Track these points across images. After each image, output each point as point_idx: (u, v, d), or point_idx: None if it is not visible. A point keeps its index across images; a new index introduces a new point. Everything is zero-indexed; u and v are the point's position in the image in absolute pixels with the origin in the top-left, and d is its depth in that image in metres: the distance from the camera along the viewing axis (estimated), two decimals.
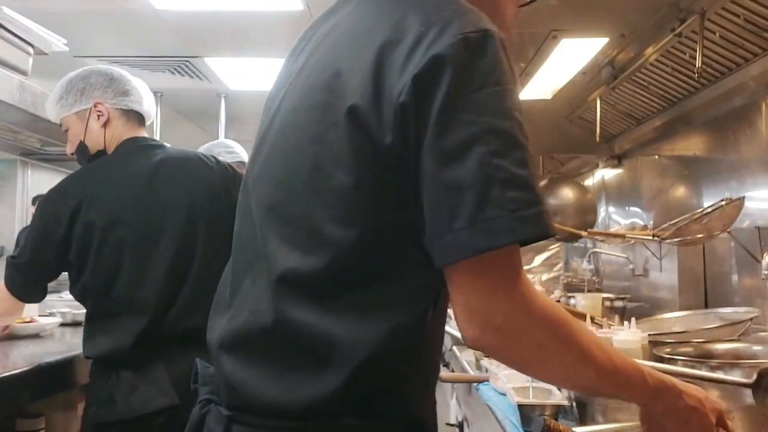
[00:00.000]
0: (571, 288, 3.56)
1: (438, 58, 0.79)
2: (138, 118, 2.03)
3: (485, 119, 0.79)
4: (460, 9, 0.84)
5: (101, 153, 1.98)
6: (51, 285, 3.88)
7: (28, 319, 2.37)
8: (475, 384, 2.08)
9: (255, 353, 0.91)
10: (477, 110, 0.78)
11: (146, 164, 1.91)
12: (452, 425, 2.99)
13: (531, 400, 1.55)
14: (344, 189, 0.83)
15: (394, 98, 0.79)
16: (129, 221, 1.83)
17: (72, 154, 2.06)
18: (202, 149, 2.90)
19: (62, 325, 2.68)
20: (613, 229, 3.81)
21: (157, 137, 5.06)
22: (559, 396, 1.56)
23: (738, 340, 1.76)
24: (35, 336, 2.41)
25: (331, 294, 0.86)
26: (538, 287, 3.11)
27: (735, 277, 2.60)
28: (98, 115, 1.96)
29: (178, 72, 4.83)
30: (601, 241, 3.68)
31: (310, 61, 0.94)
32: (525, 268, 4.15)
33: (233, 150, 3.16)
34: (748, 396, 1.33)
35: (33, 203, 6.59)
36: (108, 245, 1.82)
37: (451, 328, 2.77)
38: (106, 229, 1.82)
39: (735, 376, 1.34)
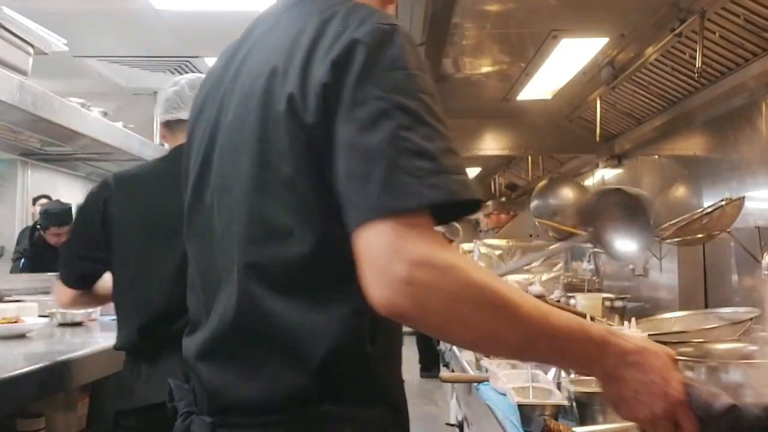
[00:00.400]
0: (571, 288, 3.56)
1: (353, 42, 0.87)
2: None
3: (394, 97, 0.84)
4: (374, 10, 0.95)
5: None
6: (50, 285, 3.89)
7: (13, 320, 2.37)
8: (475, 384, 2.08)
9: (229, 356, 0.95)
10: (387, 88, 0.84)
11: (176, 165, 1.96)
12: (452, 425, 2.99)
13: (531, 400, 1.55)
14: (289, 179, 0.90)
15: (317, 82, 0.87)
16: (148, 216, 1.90)
17: None
18: None
19: (62, 325, 2.69)
20: None
21: (156, 137, 5.06)
22: (559, 396, 1.56)
23: (738, 340, 1.76)
24: (31, 336, 2.41)
25: (290, 283, 0.91)
26: (537, 287, 3.11)
27: (735, 277, 2.60)
28: None
29: (178, 72, 4.83)
30: None
31: (246, 66, 1.01)
32: (525, 267, 4.15)
33: None
34: (748, 396, 1.33)
35: (33, 203, 6.59)
36: (126, 237, 1.90)
37: None
38: (122, 222, 1.90)
39: (735, 376, 1.34)
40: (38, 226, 5.03)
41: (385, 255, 0.79)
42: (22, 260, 4.98)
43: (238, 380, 0.94)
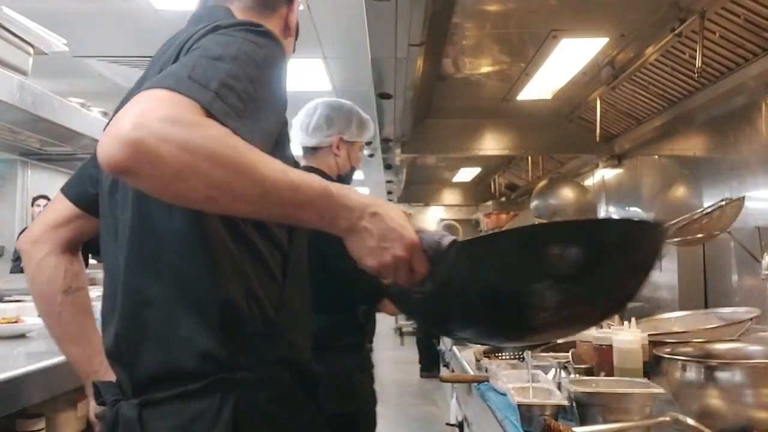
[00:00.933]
0: None
1: (212, 26, 1.01)
2: None
3: (210, 47, 0.94)
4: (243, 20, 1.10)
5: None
6: None
7: (13, 320, 2.36)
8: (475, 384, 2.08)
9: (138, 339, 1.04)
10: (208, 42, 0.96)
11: None
12: (452, 425, 2.99)
13: (531, 400, 1.55)
14: None
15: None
16: None
17: None
18: None
19: None
20: None
21: None
22: (559, 396, 1.56)
23: (738, 340, 1.76)
24: (31, 336, 2.41)
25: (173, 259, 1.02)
26: None
27: (735, 277, 2.60)
28: None
29: None
30: None
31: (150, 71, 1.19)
32: None
33: None
34: (748, 396, 1.33)
35: (32, 204, 6.58)
36: None
37: None
38: None
39: (735, 376, 1.34)
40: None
41: (128, 110, 0.79)
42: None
43: (150, 357, 1.02)
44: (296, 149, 2.01)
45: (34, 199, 6.50)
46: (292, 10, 1.27)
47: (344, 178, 2.23)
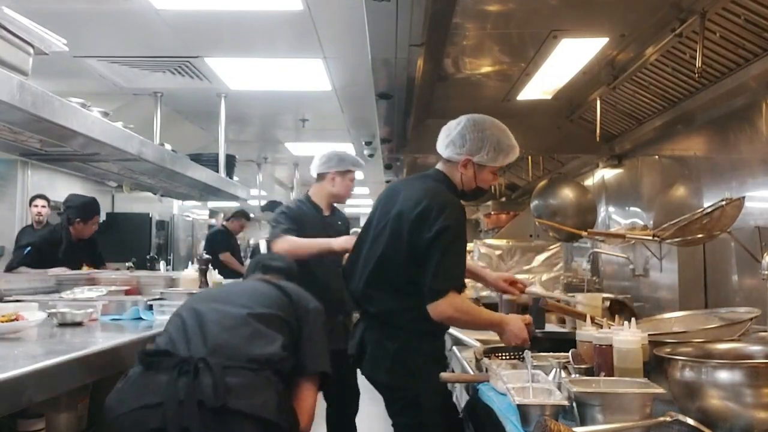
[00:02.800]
0: (571, 288, 3.56)
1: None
2: None
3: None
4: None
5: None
6: (51, 285, 3.89)
7: (12, 317, 2.36)
8: (475, 384, 2.08)
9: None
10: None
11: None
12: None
13: (531, 400, 1.55)
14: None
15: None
16: None
17: None
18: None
19: (62, 325, 2.68)
20: (613, 229, 3.81)
21: (157, 137, 5.06)
22: (559, 396, 1.56)
23: (738, 340, 1.76)
24: (31, 336, 2.41)
25: None
26: (537, 287, 3.11)
27: (735, 277, 2.60)
28: None
29: (178, 72, 4.83)
30: (601, 241, 3.67)
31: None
32: (524, 267, 4.16)
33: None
34: (748, 396, 1.33)
35: (30, 203, 6.54)
36: None
37: (453, 329, 2.77)
38: None
39: (735, 376, 1.34)
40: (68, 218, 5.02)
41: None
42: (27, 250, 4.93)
43: (241, 345, 2.02)
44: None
45: (32, 199, 6.49)
46: None
47: (466, 194, 2.33)
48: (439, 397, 2.29)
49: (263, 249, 11.66)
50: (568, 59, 2.97)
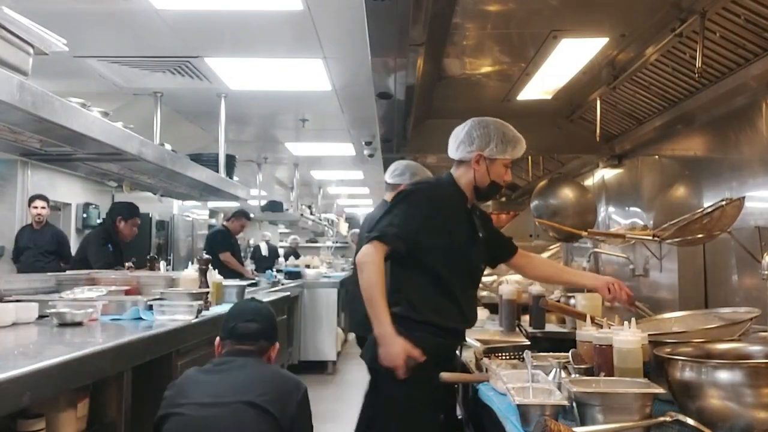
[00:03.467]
0: (571, 288, 3.56)
1: None
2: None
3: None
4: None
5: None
6: (50, 285, 3.88)
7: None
8: (475, 384, 2.08)
9: None
10: None
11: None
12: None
13: (531, 400, 1.55)
14: None
15: None
16: None
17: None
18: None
19: (62, 325, 2.68)
20: (613, 229, 3.81)
21: (157, 137, 5.05)
22: (559, 396, 1.56)
23: (738, 340, 1.76)
24: (31, 336, 2.41)
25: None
26: (537, 287, 3.11)
27: (735, 277, 2.60)
28: None
29: (178, 72, 4.83)
30: (601, 241, 3.67)
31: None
32: None
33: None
34: (748, 396, 1.33)
35: (29, 204, 6.53)
36: None
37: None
38: None
39: (735, 376, 1.34)
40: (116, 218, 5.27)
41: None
42: (108, 245, 5.14)
43: None
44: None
45: (31, 199, 6.49)
46: None
47: (481, 192, 2.44)
48: (403, 387, 2.23)
49: (264, 251, 11.72)
50: (568, 59, 2.97)
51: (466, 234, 2.41)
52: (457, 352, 2.50)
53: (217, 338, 2.37)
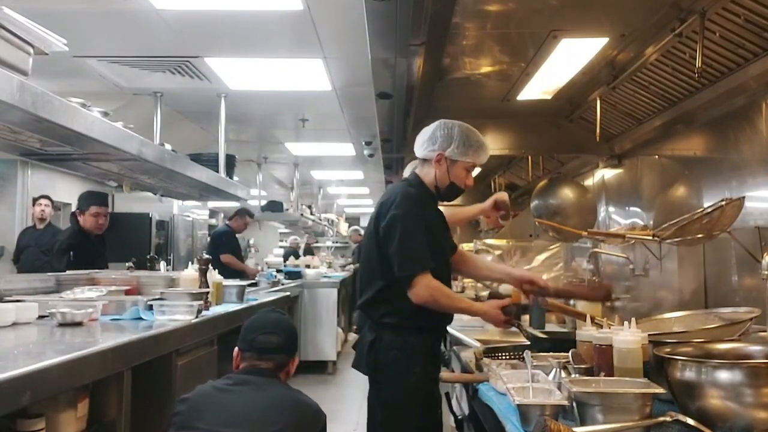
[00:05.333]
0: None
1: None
2: None
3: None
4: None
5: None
6: (51, 285, 3.88)
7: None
8: (475, 384, 2.08)
9: None
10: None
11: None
12: (452, 425, 2.98)
13: (531, 400, 1.55)
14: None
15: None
16: None
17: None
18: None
19: (62, 325, 2.68)
20: (613, 229, 3.81)
21: (157, 137, 5.05)
22: (559, 396, 1.56)
23: (738, 340, 1.76)
24: (31, 336, 2.41)
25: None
26: None
27: (735, 277, 2.60)
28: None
29: (178, 72, 4.83)
30: (601, 241, 3.67)
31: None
32: (524, 267, 4.21)
33: None
34: (748, 396, 1.33)
35: (33, 203, 6.54)
36: None
37: (452, 329, 2.77)
38: None
39: (735, 376, 1.34)
40: (75, 211, 4.98)
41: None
42: (71, 252, 4.85)
43: None
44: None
45: (35, 200, 6.49)
46: None
47: (442, 192, 2.53)
48: (406, 392, 2.32)
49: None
50: (568, 59, 2.97)
51: (442, 230, 2.58)
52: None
53: (236, 349, 2.29)
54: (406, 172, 3.74)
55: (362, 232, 11.15)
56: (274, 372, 2.22)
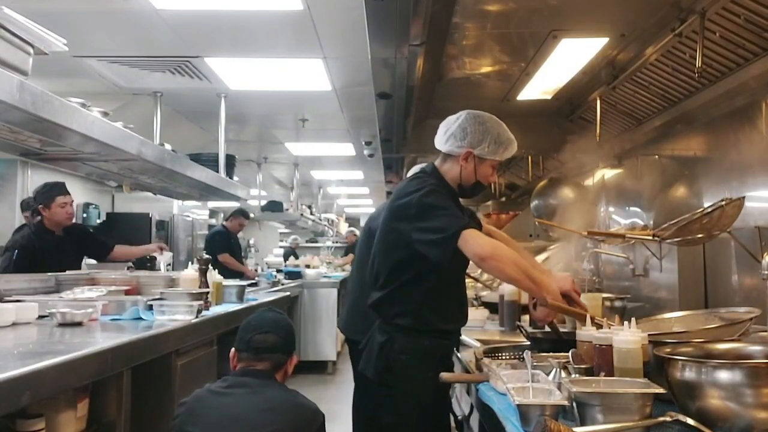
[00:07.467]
0: None
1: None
2: None
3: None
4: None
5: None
6: (51, 285, 3.88)
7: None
8: (475, 384, 2.07)
9: None
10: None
11: None
12: (452, 425, 2.98)
13: (531, 400, 1.54)
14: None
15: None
16: None
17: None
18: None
19: (62, 325, 2.68)
20: (613, 229, 3.81)
21: (157, 137, 5.05)
22: (559, 396, 1.55)
23: (738, 340, 1.76)
24: (32, 336, 2.41)
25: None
26: None
27: (735, 277, 2.60)
28: None
29: (178, 72, 4.83)
30: (601, 241, 3.67)
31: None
32: None
33: None
34: (748, 396, 1.33)
35: (22, 208, 6.36)
36: None
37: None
38: None
39: (735, 376, 1.34)
40: (38, 207, 4.52)
41: None
42: (15, 251, 4.39)
43: None
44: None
45: (23, 202, 6.45)
46: None
47: (465, 189, 2.30)
48: (417, 398, 2.24)
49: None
50: (568, 59, 2.97)
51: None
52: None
53: (233, 349, 2.27)
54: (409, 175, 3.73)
55: (357, 232, 11.13)
56: (270, 373, 2.21)
